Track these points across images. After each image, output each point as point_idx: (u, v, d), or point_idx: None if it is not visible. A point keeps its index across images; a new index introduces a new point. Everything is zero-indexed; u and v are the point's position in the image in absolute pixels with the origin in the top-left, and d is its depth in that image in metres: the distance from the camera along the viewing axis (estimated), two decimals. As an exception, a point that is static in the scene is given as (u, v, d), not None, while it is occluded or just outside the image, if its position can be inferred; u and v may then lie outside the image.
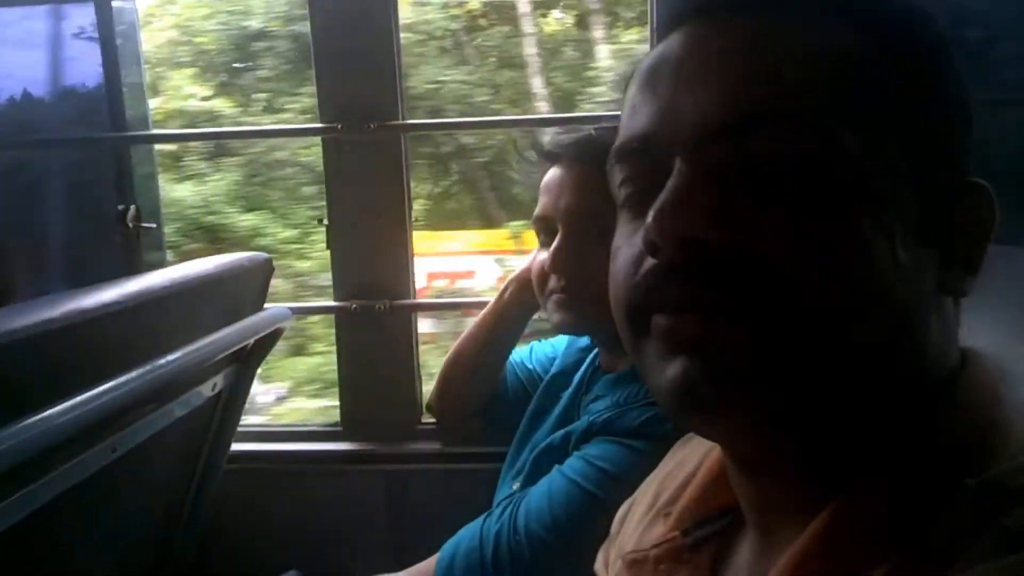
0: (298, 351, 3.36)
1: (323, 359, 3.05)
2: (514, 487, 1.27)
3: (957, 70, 0.52)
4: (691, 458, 0.73)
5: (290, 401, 3.32)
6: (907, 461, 0.48)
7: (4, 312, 0.79)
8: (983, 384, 0.51)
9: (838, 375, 0.47)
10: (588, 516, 1.04)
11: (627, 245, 0.54)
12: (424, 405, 1.77)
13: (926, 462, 0.48)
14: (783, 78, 0.47)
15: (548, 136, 1.30)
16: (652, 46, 0.56)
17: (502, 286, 1.57)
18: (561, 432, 1.22)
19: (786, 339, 0.46)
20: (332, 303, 1.79)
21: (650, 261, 0.50)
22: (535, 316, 1.56)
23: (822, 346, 0.46)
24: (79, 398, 0.82)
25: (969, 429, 0.49)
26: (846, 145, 0.46)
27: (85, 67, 1.86)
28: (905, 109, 0.48)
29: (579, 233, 1.18)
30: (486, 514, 1.18)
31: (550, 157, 1.27)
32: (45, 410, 0.77)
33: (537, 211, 1.26)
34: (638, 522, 0.75)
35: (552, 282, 1.23)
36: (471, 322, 1.62)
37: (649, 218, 0.48)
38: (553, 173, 1.25)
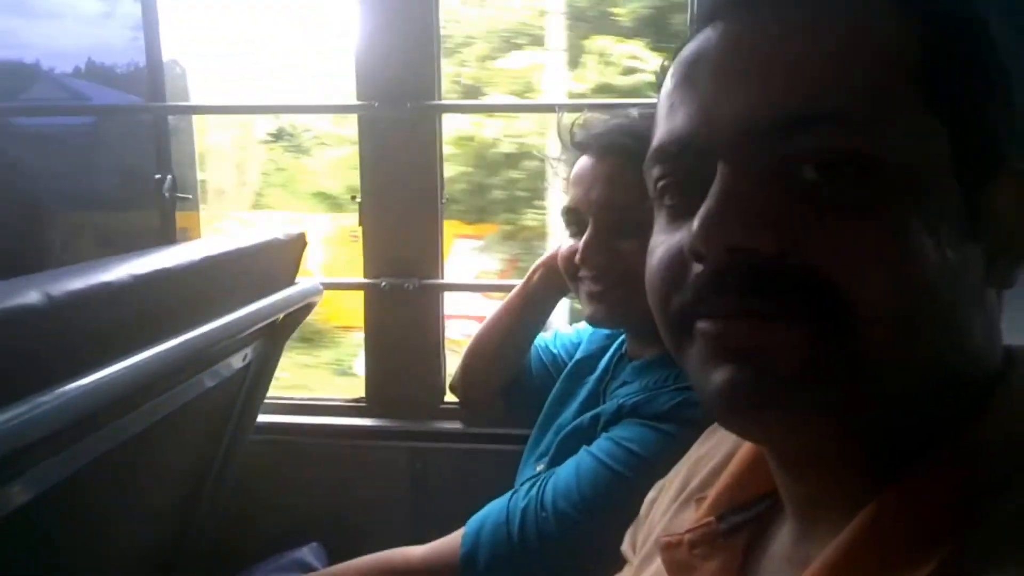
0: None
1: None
2: (538, 468, 1.28)
3: (1002, 59, 0.51)
4: (724, 443, 0.73)
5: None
6: (954, 459, 0.48)
7: (61, 273, 0.81)
8: None
9: (888, 378, 0.47)
10: (616, 496, 1.05)
11: (666, 244, 0.53)
12: (447, 385, 1.78)
13: (973, 460, 0.47)
14: (825, 75, 0.46)
15: (579, 125, 1.29)
16: (689, 36, 0.55)
17: (530, 270, 1.57)
18: (589, 414, 1.23)
19: (834, 344, 0.45)
20: (362, 280, 1.81)
21: (696, 267, 0.49)
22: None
23: (871, 350, 0.45)
24: (126, 361, 0.84)
25: (1018, 428, 0.48)
26: (891, 140, 0.45)
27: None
28: (950, 101, 0.47)
29: (610, 226, 1.18)
30: (512, 491, 1.19)
31: (581, 147, 1.26)
32: (95, 370, 0.79)
33: (567, 202, 1.27)
34: (668, 506, 0.76)
35: (583, 272, 1.24)
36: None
37: (695, 225, 0.47)
38: (583, 164, 1.25)
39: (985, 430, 0.48)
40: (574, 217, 1.26)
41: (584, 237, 1.21)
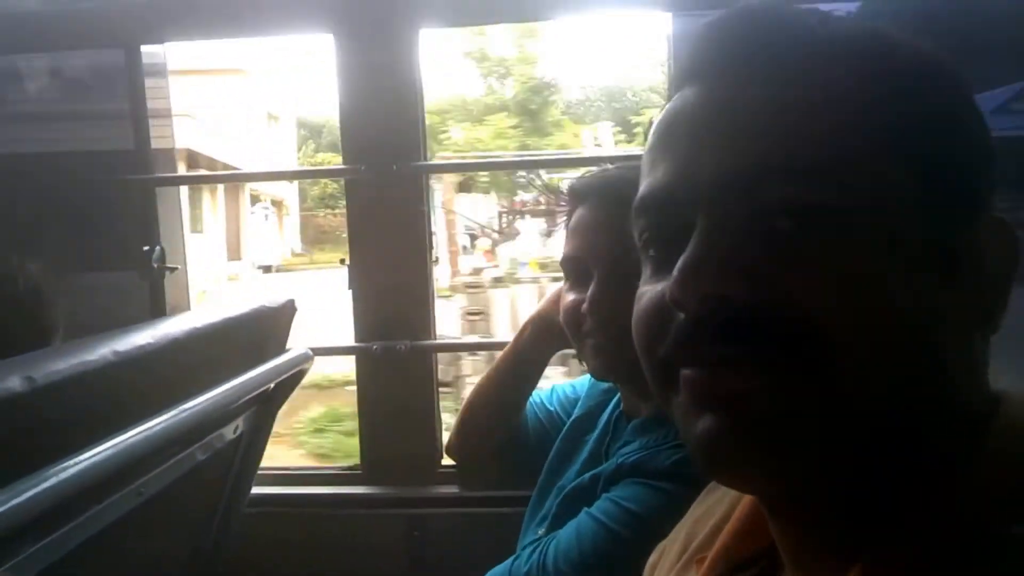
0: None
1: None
2: (540, 532, 1.25)
3: (976, 108, 0.52)
4: (721, 502, 0.73)
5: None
6: (945, 506, 0.47)
7: (41, 355, 0.80)
8: (1017, 427, 0.50)
9: (868, 423, 0.47)
10: (616, 557, 1.03)
11: (651, 293, 0.55)
12: (444, 448, 1.76)
13: (965, 507, 0.47)
14: (796, 129, 0.48)
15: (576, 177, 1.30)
16: (669, 96, 0.57)
17: (521, 327, 1.56)
18: (589, 474, 1.21)
19: (812, 388, 0.46)
20: (354, 344, 1.79)
21: (678, 316, 0.50)
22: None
23: (850, 395, 0.46)
24: (111, 441, 0.82)
25: (1009, 473, 0.48)
26: (864, 192, 0.47)
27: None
28: (924, 151, 0.49)
29: (615, 276, 1.17)
30: (514, 556, 1.17)
31: (578, 197, 1.26)
32: (79, 453, 0.77)
33: (566, 251, 1.25)
34: (670, 568, 0.75)
35: (588, 325, 1.22)
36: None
37: (673, 276, 0.49)
38: (582, 214, 1.24)
39: (976, 476, 0.48)
40: (574, 266, 1.25)
41: (592, 289, 1.20)
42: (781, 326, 0.46)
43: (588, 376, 1.51)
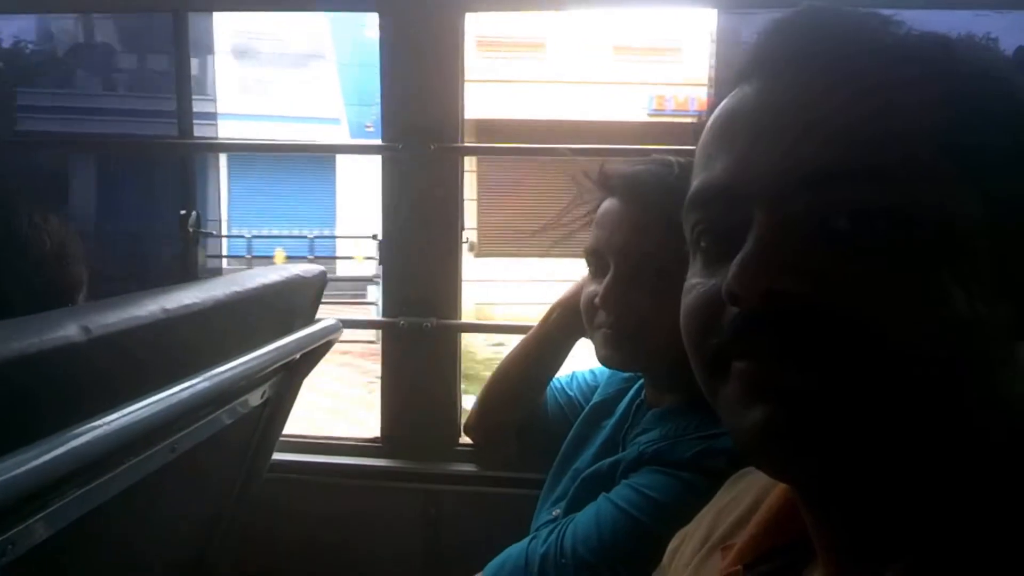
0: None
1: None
2: (554, 513, 1.27)
3: None
4: (747, 493, 0.74)
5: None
6: (990, 515, 0.48)
7: (93, 307, 0.82)
8: None
9: (916, 425, 0.48)
10: (635, 544, 1.05)
11: (702, 287, 0.55)
12: (463, 426, 1.78)
13: (1007, 515, 0.48)
14: (861, 131, 0.49)
15: (606, 168, 1.31)
16: (713, 94, 0.58)
17: (547, 310, 1.57)
18: (609, 460, 1.22)
19: (865, 389, 0.47)
20: (381, 318, 1.81)
21: (731, 309, 0.51)
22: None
23: (900, 397, 0.47)
24: (150, 398, 0.84)
25: None
26: (923, 198, 0.47)
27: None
28: (979, 159, 0.49)
29: (631, 272, 1.18)
30: (531, 536, 1.18)
31: (607, 189, 1.27)
32: (126, 406, 0.79)
33: (590, 243, 1.27)
34: (692, 556, 0.76)
35: (601, 317, 1.24)
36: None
37: (732, 269, 0.49)
38: (608, 206, 1.25)
39: (1018, 483, 0.49)
40: (596, 259, 1.26)
41: (605, 281, 1.21)
42: (838, 325, 0.47)
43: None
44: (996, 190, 0.49)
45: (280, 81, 16.38)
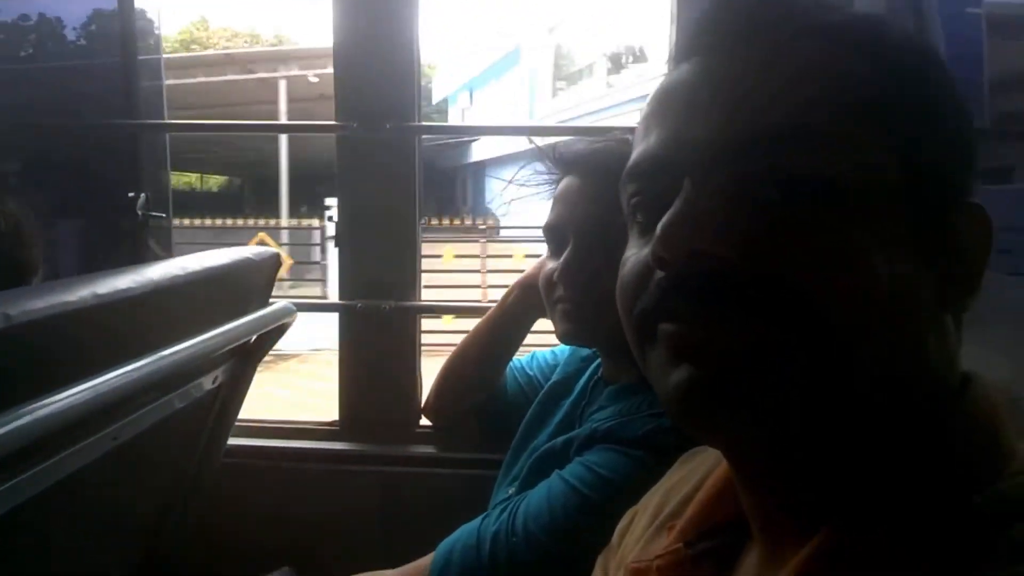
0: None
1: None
2: (510, 492, 1.27)
3: (960, 98, 0.55)
4: (696, 472, 0.74)
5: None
6: (909, 477, 0.49)
7: (20, 292, 0.79)
8: (986, 405, 0.52)
9: (838, 387, 0.48)
10: (586, 521, 1.04)
11: (635, 257, 0.57)
12: (421, 408, 1.77)
13: (929, 479, 0.49)
14: (786, 101, 0.50)
15: (563, 146, 1.30)
16: (669, 71, 0.59)
17: (506, 290, 1.57)
18: (562, 438, 1.22)
19: (787, 350, 0.48)
20: (337, 301, 1.79)
21: (659, 273, 0.52)
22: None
23: (822, 358, 0.48)
24: (87, 383, 0.82)
25: (972, 448, 0.50)
26: (850, 166, 0.48)
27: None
28: (905, 130, 0.51)
29: (591, 245, 1.18)
30: (484, 515, 1.18)
31: (566, 166, 1.27)
32: (54, 394, 0.77)
33: (549, 219, 1.27)
34: (641, 533, 0.76)
35: (559, 291, 1.23)
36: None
37: (657, 233, 0.51)
38: (568, 183, 1.25)
39: (941, 450, 0.50)
40: (555, 235, 1.26)
41: (564, 255, 1.21)
42: (761, 287, 0.48)
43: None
44: (918, 162, 0.50)
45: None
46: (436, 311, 1.89)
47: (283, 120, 11.34)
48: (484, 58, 29.67)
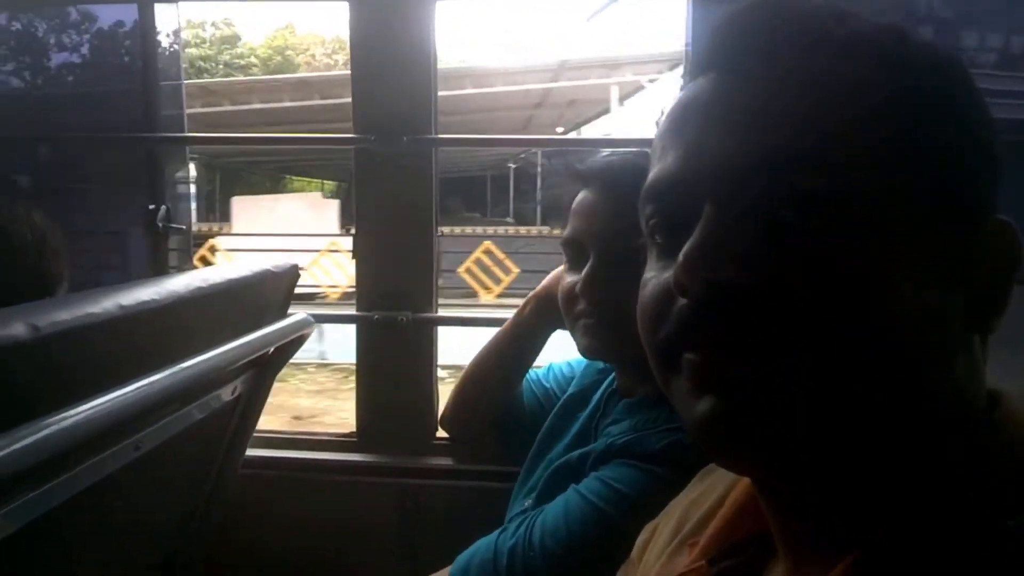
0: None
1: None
2: (526, 504, 1.26)
3: (986, 110, 0.53)
4: (716, 487, 0.73)
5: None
6: (939, 501, 0.48)
7: (47, 304, 0.80)
8: (1015, 424, 0.51)
9: (865, 415, 0.48)
10: (603, 537, 1.04)
11: (656, 280, 0.56)
12: (439, 419, 1.77)
13: (959, 502, 0.48)
14: (805, 121, 0.49)
15: (579, 158, 1.31)
16: (683, 86, 0.58)
17: (522, 303, 1.57)
18: (579, 452, 1.22)
19: (808, 378, 0.47)
20: (355, 313, 1.80)
21: (681, 301, 0.51)
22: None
23: (849, 386, 0.47)
24: (111, 394, 0.83)
25: (1002, 470, 0.49)
26: (870, 186, 0.47)
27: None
28: (932, 151, 0.49)
29: (611, 260, 1.18)
30: (501, 529, 1.18)
31: (583, 180, 1.27)
32: (78, 404, 0.78)
33: (567, 233, 1.27)
34: (662, 549, 0.75)
35: (581, 306, 1.23)
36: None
37: (679, 261, 0.50)
38: (585, 196, 1.25)
39: (970, 473, 0.49)
40: (574, 249, 1.26)
41: (585, 270, 1.21)
42: (783, 315, 0.47)
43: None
44: (945, 181, 0.49)
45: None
46: (453, 323, 1.89)
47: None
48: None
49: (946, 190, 0.49)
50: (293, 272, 1.46)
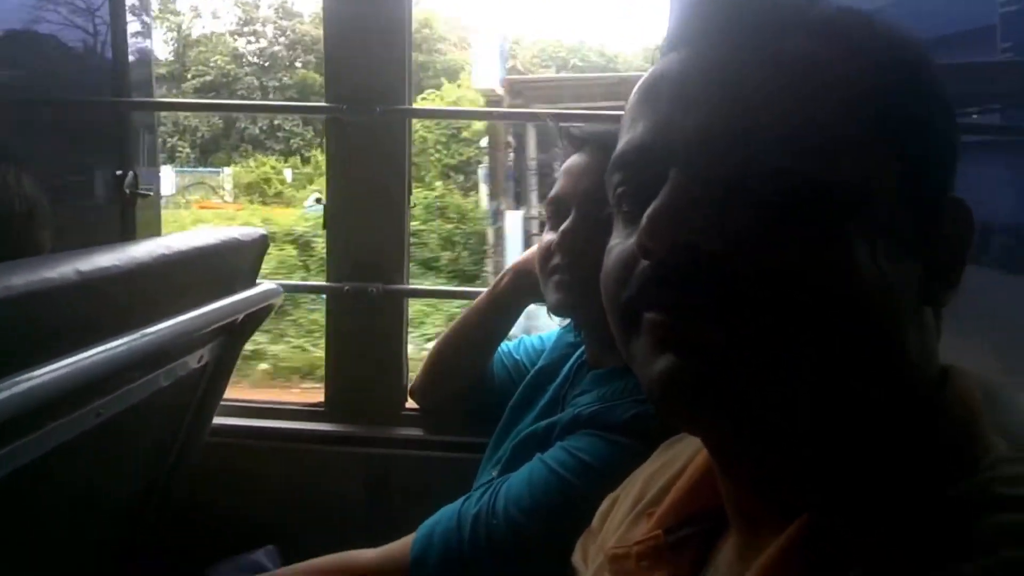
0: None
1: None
2: (493, 475, 1.27)
3: (944, 91, 0.55)
4: (677, 460, 0.75)
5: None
6: (886, 469, 0.50)
7: (2, 267, 0.79)
8: (964, 398, 0.53)
9: (819, 380, 0.49)
10: (567, 505, 1.05)
11: (621, 246, 0.57)
12: (409, 390, 1.77)
13: (905, 471, 0.49)
14: (772, 96, 0.50)
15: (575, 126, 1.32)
16: (656, 61, 0.59)
17: (499, 275, 1.57)
18: (545, 422, 1.23)
19: (769, 341, 0.48)
20: (324, 283, 1.79)
21: (643, 262, 0.52)
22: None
23: (803, 350, 0.48)
24: (68, 359, 0.82)
25: (948, 440, 0.50)
26: (831, 159, 0.48)
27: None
28: (892, 127, 0.50)
29: (591, 217, 1.19)
30: (464, 497, 1.18)
31: (578, 143, 1.28)
32: (33, 369, 0.77)
33: (554, 191, 1.28)
34: (622, 519, 0.77)
35: (555, 260, 1.24)
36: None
37: (643, 223, 0.50)
38: (575, 158, 1.27)
39: (918, 442, 0.50)
40: (557, 207, 1.27)
41: (565, 224, 1.22)
42: (745, 280, 0.48)
43: (556, 329, 1.53)
44: (909, 155, 0.50)
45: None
46: (424, 295, 1.88)
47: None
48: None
49: (910, 166, 0.50)
50: (262, 241, 1.44)
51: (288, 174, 17.55)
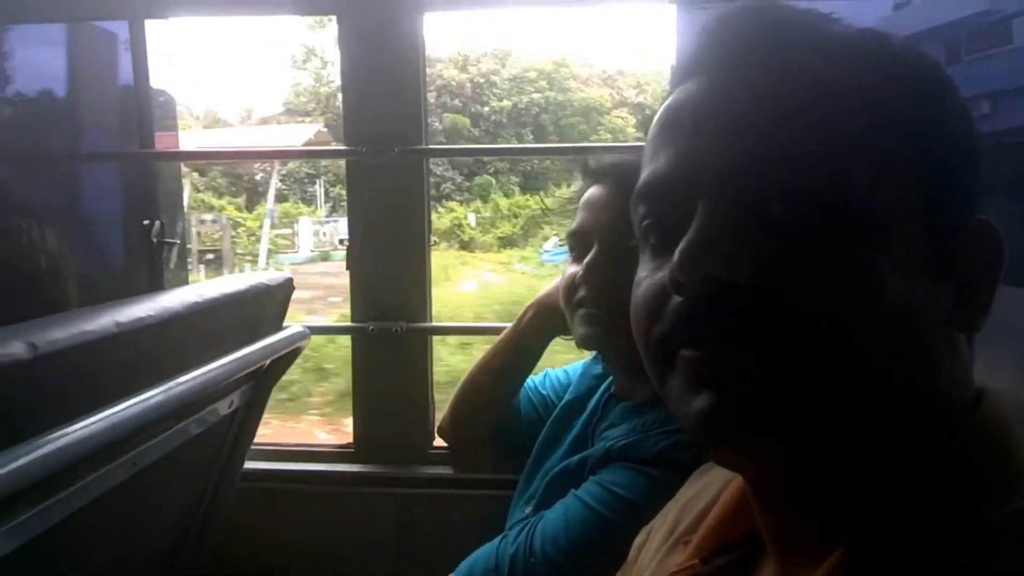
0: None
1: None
2: (526, 511, 1.27)
3: (967, 112, 0.54)
4: (711, 487, 0.74)
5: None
6: (924, 494, 0.49)
7: (44, 322, 0.80)
8: (999, 421, 0.52)
9: (855, 407, 0.48)
10: (603, 541, 1.04)
11: (649, 280, 0.56)
12: (436, 429, 1.77)
13: (943, 496, 0.49)
14: (797, 121, 0.50)
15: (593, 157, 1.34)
16: (672, 89, 0.58)
17: (523, 310, 1.57)
18: (577, 457, 1.22)
19: (803, 373, 0.48)
20: (350, 324, 1.80)
21: (676, 298, 0.52)
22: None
23: (839, 379, 0.48)
24: (108, 411, 0.83)
25: (984, 464, 0.50)
26: (858, 183, 0.48)
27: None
28: (915, 148, 0.50)
29: (614, 251, 1.20)
30: (501, 536, 1.18)
31: (595, 176, 1.29)
32: (76, 422, 0.78)
33: (575, 225, 1.28)
34: (656, 549, 0.76)
35: (581, 293, 1.24)
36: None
37: (675, 257, 0.50)
38: (595, 191, 1.28)
39: (954, 467, 0.50)
40: (580, 240, 1.27)
41: (588, 257, 1.23)
42: (777, 312, 0.48)
43: (581, 362, 1.53)
44: (928, 179, 0.50)
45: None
46: (449, 332, 1.89)
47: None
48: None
49: (933, 188, 0.50)
50: (288, 285, 1.46)
51: (472, 218, 18.33)
